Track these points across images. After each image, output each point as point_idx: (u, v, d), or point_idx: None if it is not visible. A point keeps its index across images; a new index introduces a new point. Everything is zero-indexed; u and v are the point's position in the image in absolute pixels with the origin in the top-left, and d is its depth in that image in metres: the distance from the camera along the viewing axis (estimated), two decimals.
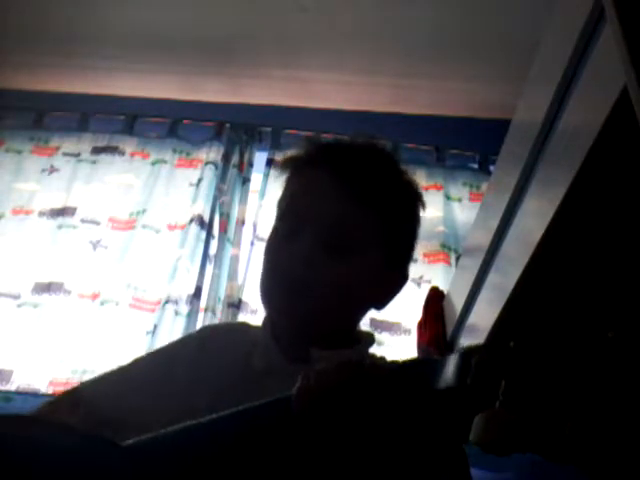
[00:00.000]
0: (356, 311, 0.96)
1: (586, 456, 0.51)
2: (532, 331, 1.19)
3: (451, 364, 0.60)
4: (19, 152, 2.43)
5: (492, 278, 1.37)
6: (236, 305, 2.08)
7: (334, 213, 0.90)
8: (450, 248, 2.21)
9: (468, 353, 0.59)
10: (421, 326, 1.82)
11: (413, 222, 0.98)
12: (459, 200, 2.33)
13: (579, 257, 1.07)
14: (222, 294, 2.13)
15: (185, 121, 2.50)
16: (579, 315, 1.14)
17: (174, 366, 0.93)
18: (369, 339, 0.97)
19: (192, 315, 2.07)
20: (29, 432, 0.66)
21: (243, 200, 2.32)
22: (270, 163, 2.37)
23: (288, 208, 0.95)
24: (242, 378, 0.89)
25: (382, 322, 1.96)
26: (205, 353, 0.94)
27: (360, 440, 0.67)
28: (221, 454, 0.67)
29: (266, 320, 0.95)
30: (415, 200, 0.98)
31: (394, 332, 2.05)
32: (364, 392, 0.64)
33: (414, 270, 2.14)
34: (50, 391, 1.94)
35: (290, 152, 1.01)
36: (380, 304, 0.97)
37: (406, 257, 0.99)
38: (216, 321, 2.06)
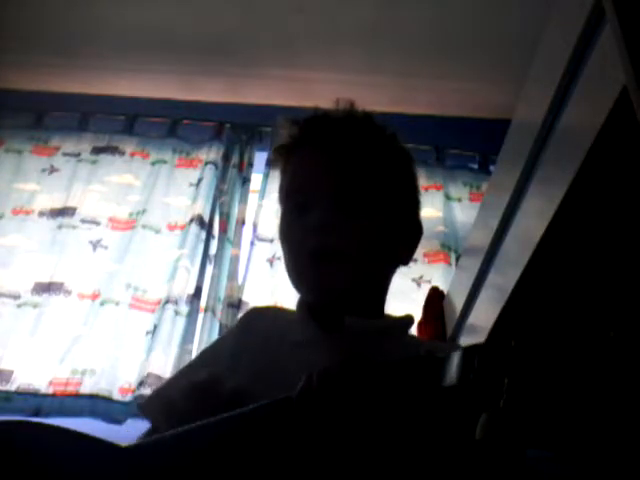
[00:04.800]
0: (382, 271, 0.97)
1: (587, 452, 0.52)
2: (533, 330, 1.19)
3: (454, 362, 0.60)
4: (19, 152, 2.43)
5: (492, 278, 1.37)
6: (236, 305, 2.08)
7: (336, 177, 0.93)
8: (450, 248, 2.21)
9: (471, 351, 0.59)
10: (421, 326, 1.82)
11: (409, 173, 1.03)
12: (459, 200, 2.33)
13: (579, 257, 1.07)
14: (222, 294, 2.12)
15: (185, 121, 2.50)
16: (579, 315, 1.14)
17: (220, 352, 0.95)
18: (406, 319, 1.01)
19: (192, 315, 2.06)
20: (36, 436, 0.66)
21: (243, 200, 2.31)
22: (270, 163, 2.37)
23: (291, 187, 0.97)
24: (279, 353, 0.90)
25: None
26: (246, 335, 0.96)
27: (363, 440, 0.67)
28: (222, 456, 0.66)
29: (300, 300, 0.97)
30: (403, 153, 1.04)
31: None
32: (366, 393, 0.64)
33: (414, 270, 2.17)
34: (50, 391, 1.93)
35: (276, 141, 1.04)
36: (404, 257, 0.99)
37: (414, 208, 1.02)
38: (216, 321, 2.06)
